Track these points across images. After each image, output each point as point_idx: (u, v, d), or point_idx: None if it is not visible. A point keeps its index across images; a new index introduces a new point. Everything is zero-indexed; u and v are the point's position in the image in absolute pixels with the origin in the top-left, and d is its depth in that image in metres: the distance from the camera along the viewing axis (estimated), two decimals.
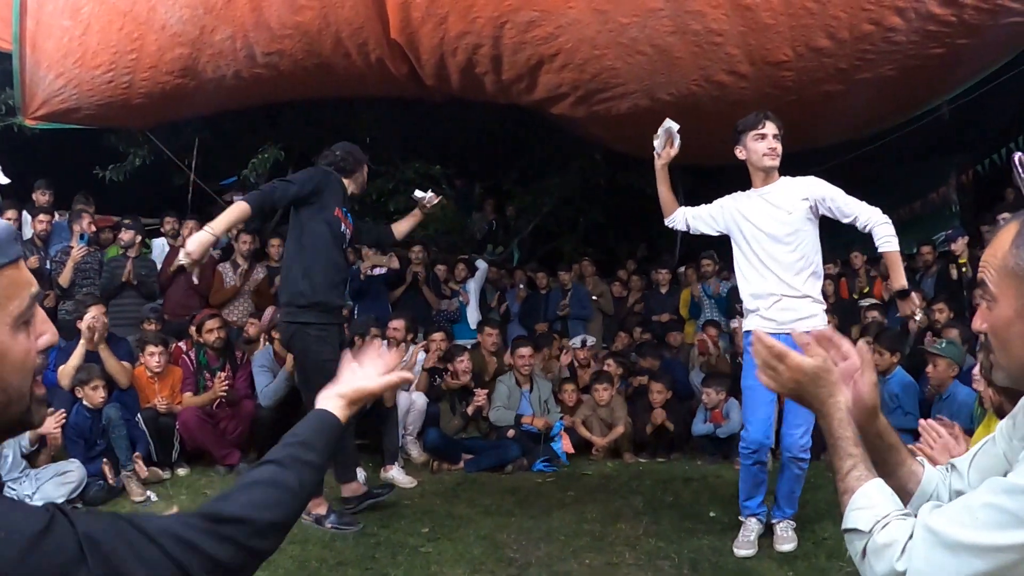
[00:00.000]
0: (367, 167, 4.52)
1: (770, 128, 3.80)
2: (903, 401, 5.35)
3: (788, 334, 3.28)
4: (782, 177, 3.88)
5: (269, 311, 6.67)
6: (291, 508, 1.15)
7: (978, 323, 1.27)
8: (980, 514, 1.12)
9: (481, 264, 8.34)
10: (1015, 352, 1.21)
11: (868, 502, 1.31)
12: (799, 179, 3.86)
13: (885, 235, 3.62)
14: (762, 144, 3.78)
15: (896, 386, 5.43)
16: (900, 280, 3.68)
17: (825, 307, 3.91)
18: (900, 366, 5.55)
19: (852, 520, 1.32)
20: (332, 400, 1.37)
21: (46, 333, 1.04)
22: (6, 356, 0.96)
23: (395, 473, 5.23)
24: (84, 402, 4.90)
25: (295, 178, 4.19)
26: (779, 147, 3.81)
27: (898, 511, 1.28)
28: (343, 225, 4.25)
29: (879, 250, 3.69)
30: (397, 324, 6.22)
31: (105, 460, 4.78)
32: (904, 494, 1.45)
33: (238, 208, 3.95)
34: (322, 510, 4.19)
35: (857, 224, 3.70)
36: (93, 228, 6.75)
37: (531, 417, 5.90)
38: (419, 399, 5.90)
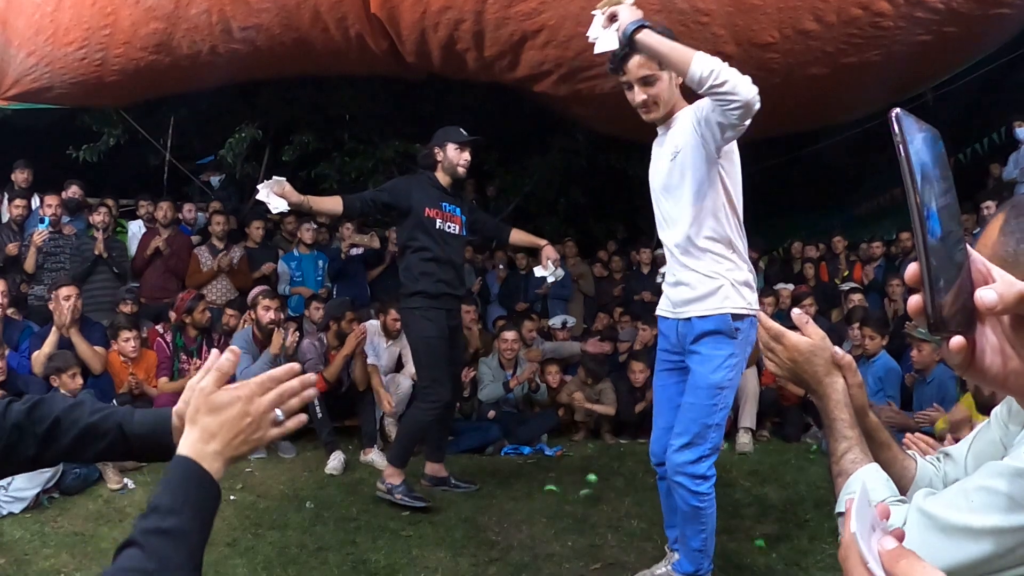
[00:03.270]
0: (452, 145, 4.35)
1: (632, 71, 2.81)
2: (885, 385, 5.37)
3: (682, 319, 2.99)
4: (683, 109, 2.89)
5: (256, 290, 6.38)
6: None
7: None
8: (975, 497, 1.12)
9: None
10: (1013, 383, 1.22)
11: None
12: (694, 105, 2.82)
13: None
14: (630, 96, 2.89)
15: (880, 370, 5.45)
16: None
17: (740, 282, 2.86)
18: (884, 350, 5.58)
19: (846, 505, 1.30)
20: (203, 451, 1.08)
21: None
22: None
23: (374, 456, 5.17)
24: (60, 391, 4.77)
25: (385, 186, 4.48)
26: (648, 93, 2.83)
27: (894, 497, 1.27)
28: (441, 221, 4.35)
29: None
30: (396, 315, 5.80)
31: None
32: (899, 491, 1.45)
33: (333, 201, 4.19)
34: (396, 480, 4.29)
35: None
36: (55, 213, 6.53)
37: (516, 378, 5.94)
38: (404, 381, 5.78)
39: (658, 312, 3.11)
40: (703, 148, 2.74)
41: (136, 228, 7.57)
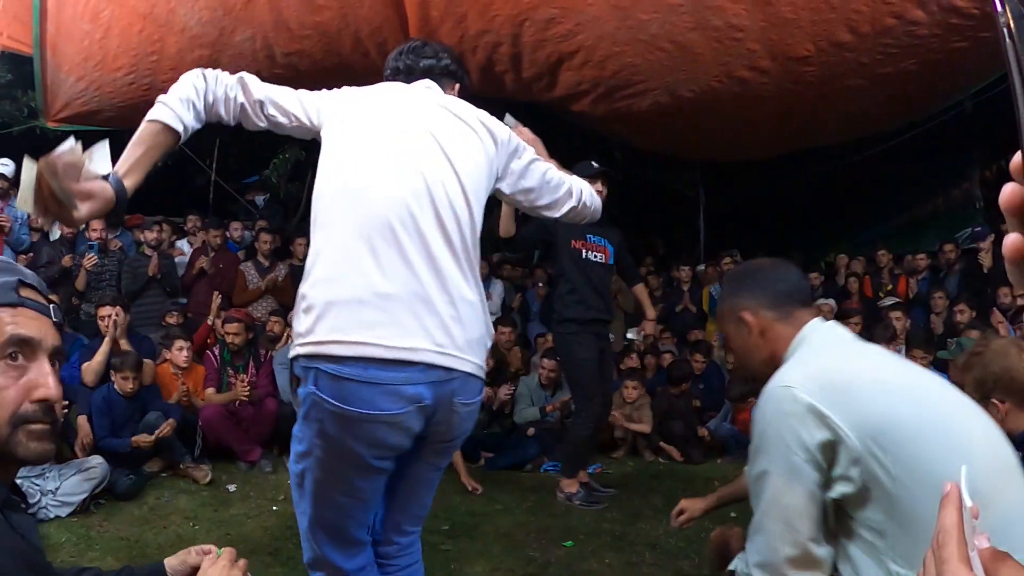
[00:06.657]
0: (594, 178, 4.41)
1: None
2: None
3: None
4: None
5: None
6: None
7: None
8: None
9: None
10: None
11: None
12: None
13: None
14: None
15: None
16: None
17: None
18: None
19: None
20: None
21: (41, 388, 1.11)
22: None
23: None
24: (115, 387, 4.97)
25: (525, 231, 4.53)
26: None
27: None
28: (587, 252, 4.70)
29: None
30: None
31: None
32: None
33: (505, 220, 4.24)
34: (573, 488, 4.72)
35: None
36: (100, 236, 6.79)
37: (553, 404, 5.98)
38: None
39: None
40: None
41: (182, 246, 7.79)
